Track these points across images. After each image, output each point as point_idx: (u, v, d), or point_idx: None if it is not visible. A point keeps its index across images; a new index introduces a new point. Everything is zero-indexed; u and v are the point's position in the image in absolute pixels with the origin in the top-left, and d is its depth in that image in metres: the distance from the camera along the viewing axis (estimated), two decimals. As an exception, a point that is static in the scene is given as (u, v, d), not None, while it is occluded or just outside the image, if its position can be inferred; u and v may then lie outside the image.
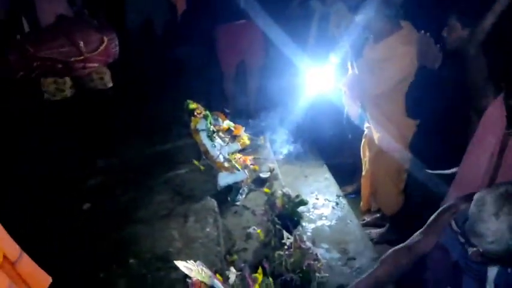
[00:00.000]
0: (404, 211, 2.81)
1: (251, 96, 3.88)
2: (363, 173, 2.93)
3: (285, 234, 2.02)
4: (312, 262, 1.96)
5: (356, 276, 2.46)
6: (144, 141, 3.18)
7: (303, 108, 3.59)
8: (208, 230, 2.21)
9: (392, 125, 2.41)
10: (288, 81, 3.64)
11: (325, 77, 3.25)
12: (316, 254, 2.01)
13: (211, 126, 2.67)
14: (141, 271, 1.97)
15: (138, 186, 2.63)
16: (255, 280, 1.74)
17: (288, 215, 2.26)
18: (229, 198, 2.74)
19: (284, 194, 2.31)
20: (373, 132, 2.57)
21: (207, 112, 2.74)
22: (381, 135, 2.48)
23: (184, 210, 2.39)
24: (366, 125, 2.78)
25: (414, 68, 2.22)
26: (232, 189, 2.75)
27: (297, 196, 2.35)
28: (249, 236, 2.44)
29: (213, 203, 2.45)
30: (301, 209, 2.45)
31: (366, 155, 2.85)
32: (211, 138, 2.63)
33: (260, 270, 1.81)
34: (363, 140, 2.84)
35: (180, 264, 1.57)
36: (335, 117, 3.27)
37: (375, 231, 3.09)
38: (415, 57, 2.16)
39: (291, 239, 1.99)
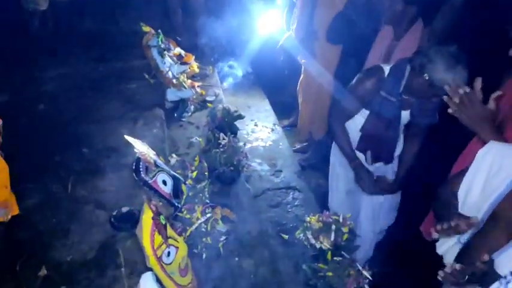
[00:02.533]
0: (327, 137, 3.28)
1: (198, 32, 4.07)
2: (300, 99, 3.31)
3: (221, 135, 2.38)
4: (242, 158, 2.34)
5: (280, 182, 2.95)
6: (100, 57, 3.33)
7: (252, 46, 3.92)
8: (155, 131, 2.52)
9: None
10: (238, 21, 3.93)
11: (274, 19, 3.60)
12: (245, 153, 2.39)
13: (162, 44, 2.89)
14: (93, 157, 2.26)
15: (92, 94, 2.85)
16: (191, 163, 2.10)
17: (226, 126, 2.61)
18: (175, 114, 3.04)
19: (224, 108, 2.64)
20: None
21: (159, 31, 2.94)
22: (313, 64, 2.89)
23: (134, 115, 2.67)
24: (302, 60, 3.15)
25: None
26: (179, 106, 3.05)
27: (236, 111, 2.69)
28: (191, 144, 2.78)
29: (161, 111, 2.75)
30: (240, 132, 2.83)
31: (303, 87, 3.23)
32: (161, 54, 2.86)
33: (197, 157, 2.17)
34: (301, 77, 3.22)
35: (129, 139, 1.88)
36: (276, 56, 3.64)
37: (302, 157, 3.57)
38: None
39: (226, 140, 2.36)
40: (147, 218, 1.44)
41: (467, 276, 1.03)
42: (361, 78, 2.08)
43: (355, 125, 2.20)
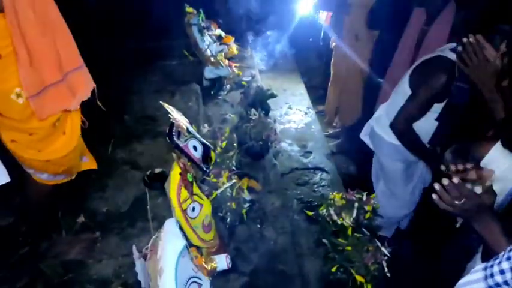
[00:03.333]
0: (359, 123, 3.28)
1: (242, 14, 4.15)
2: (329, 84, 3.33)
3: (252, 111, 2.47)
4: (271, 135, 2.42)
5: (309, 163, 2.99)
6: (145, 36, 3.50)
7: (290, 29, 3.96)
8: (190, 104, 2.65)
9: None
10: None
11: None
12: (275, 130, 2.46)
13: (202, 23, 3.01)
14: (132, 124, 2.42)
15: (135, 68, 3.02)
16: (222, 133, 2.20)
17: (258, 103, 2.69)
18: (212, 92, 3.16)
19: (258, 86, 2.72)
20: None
21: (200, 10, 3.06)
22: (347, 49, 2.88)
23: (172, 89, 2.81)
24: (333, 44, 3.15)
25: None
26: (216, 84, 3.16)
27: (269, 90, 2.77)
28: (224, 120, 2.89)
29: (197, 87, 2.87)
30: (274, 113, 2.90)
31: (332, 67, 3.23)
32: (201, 32, 2.98)
33: (228, 128, 2.26)
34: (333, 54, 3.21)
35: (166, 105, 2.00)
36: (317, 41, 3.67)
37: (334, 143, 3.59)
38: None
39: (256, 115, 2.44)
40: (175, 174, 1.55)
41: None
42: (433, 72, 1.89)
43: (425, 123, 2.06)
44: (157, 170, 2.03)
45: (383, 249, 1.97)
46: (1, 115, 1.26)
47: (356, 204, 2.15)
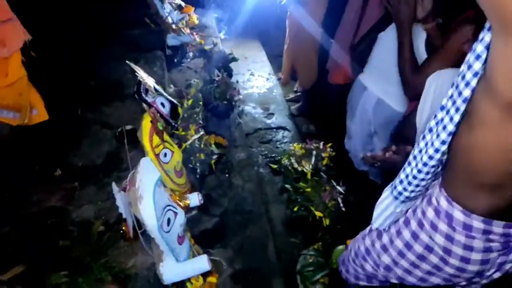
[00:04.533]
0: (317, 85, 3.48)
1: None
2: (285, 47, 3.48)
3: (216, 72, 2.61)
4: (234, 94, 2.57)
5: (272, 123, 3.19)
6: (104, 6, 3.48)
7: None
8: (155, 69, 2.74)
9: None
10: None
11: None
12: (238, 90, 2.62)
13: (162, -10, 3.08)
14: (99, 88, 2.50)
15: (97, 38, 3.05)
16: (188, 93, 2.33)
17: (222, 66, 2.83)
18: (175, 60, 3.24)
19: (220, 51, 2.85)
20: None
21: (160, -22, 3.12)
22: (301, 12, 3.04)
23: (136, 56, 2.88)
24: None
25: None
26: (179, 51, 3.25)
27: (230, 54, 2.91)
28: (189, 85, 3.00)
29: (161, 53, 2.96)
30: (236, 79, 3.04)
31: (288, 31, 3.38)
32: (161, 0, 3.05)
33: (193, 88, 2.40)
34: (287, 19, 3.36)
35: (132, 65, 2.10)
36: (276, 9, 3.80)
37: (294, 106, 3.78)
38: None
39: (220, 76, 2.58)
40: (146, 122, 1.69)
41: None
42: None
43: None
44: (128, 127, 2.14)
45: (338, 187, 2.21)
46: None
47: (314, 152, 2.38)
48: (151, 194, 1.33)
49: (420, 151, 0.98)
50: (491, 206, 0.88)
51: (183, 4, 3.71)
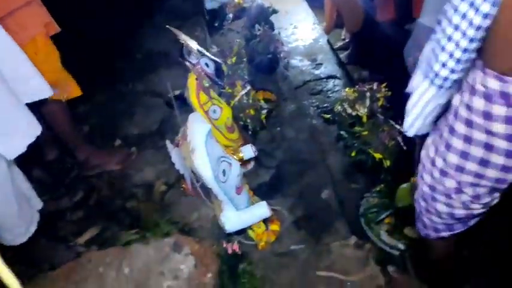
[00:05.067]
0: (365, 28, 3.27)
1: None
2: None
3: (256, 26, 2.54)
4: (278, 46, 2.50)
5: (321, 73, 3.07)
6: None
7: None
8: (196, 33, 2.74)
9: None
10: None
11: None
12: (282, 42, 2.53)
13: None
14: (145, 60, 2.56)
15: (136, 9, 3.10)
16: (231, 51, 2.31)
17: (262, 20, 2.74)
18: (216, 24, 3.22)
19: (258, 5, 2.76)
20: None
21: None
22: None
23: (177, 25, 2.88)
24: None
25: None
26: (219, 14, 3.22)
27: (269, 6, 2.81)
28: (233, 46, 2.98)
29: (201, 19, 2.94)
30: (280, 34, 2.94)
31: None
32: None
33: (236, 46, 2.36)
34: None
35: (172, 29, 2.11)
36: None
37: (344, 54, 3.61)
38: None
39: (261, 30, 2.51)
40: (192, 80, 1.70)
41: None
42: None
43: None
44: (177, 92, 2.17)
45: (397, 126, 2.08)
46: None
47: (368, 94, 2.25)
48: (204, 145, 1.34)
49: (456, 27, 0.84)
50: None
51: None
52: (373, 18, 3.16)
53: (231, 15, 3.28)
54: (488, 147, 0.92)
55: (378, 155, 2.03)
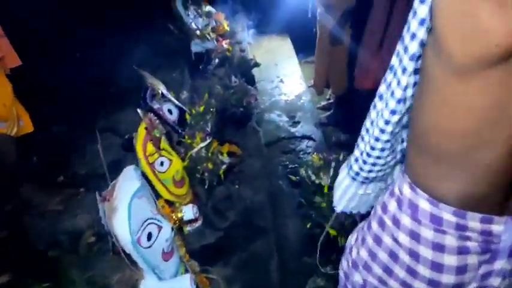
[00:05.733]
0: (350, 94, 3.26)
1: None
2: (316, 51, 3.28)
3: (233, 78, 2.50)
4: (252, 101, 2.45)
5: (296, 132, 3.01)
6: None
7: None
8: (174, 75, 2.70)
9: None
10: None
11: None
12: (255, 96, 2.49)
13: (187, -3, 3.04)
14: (117, 94, 2.49)
15: (120, 39, 3.06)
16: (200, 98, 2.24)
17: (242, 72, 2.72)
18: (200, 67, 3.19)
19: (241, 56, 2.75)
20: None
21: (185, -16, 3.08)
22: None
23: (159, 61, 2.87)
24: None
25: None
26: (204, 58, 3.20)
27: (252, 59, 2.79)
28: (211, 92, 2.93)
29: (182, 60, 2.92)
30: (265, 86, 2.92)
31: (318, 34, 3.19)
32: (185, 6, 3.01)
33: (207, 94, 2.30)
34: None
35: (140, 71, 2.06)
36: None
37: (325, 114, 3.58)
38: None
39: (237, 82, 2.47)
40: (141, 129, 1.61)
41: None
42: None
43: None
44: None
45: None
46: None
47: (333, 164, 2.18)
48: (127, 206, 1.23)
49: (372, 123, 0.82)
50: (464, 194, 0.69)
51: (213, 11, 3.67)
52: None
53: (216, 61, 3.26)
54: (393, 255, 0.82)
55: (333, 232, 1.91)
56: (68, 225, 1.67)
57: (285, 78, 3.68)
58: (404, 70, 0.70)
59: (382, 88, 0.80)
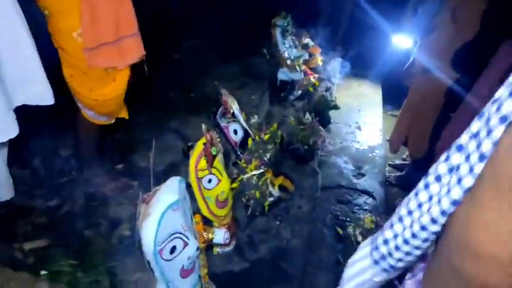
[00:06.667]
0: (428, 158, 3.05)
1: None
2: (402, 109, 3.14)
3: (307, 115, 2.48)
4: (318, 141, 2.40)
5: (357, 184, 2.88)
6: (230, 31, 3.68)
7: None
8: (253, 97, 2.75)
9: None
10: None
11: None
12: (324, 138, 2.44)
13: (287, 26, 3.10)
14: (198, 102, 2.61)
15: (218, 59, 3.23)
16: (268, 127, 2.25)
17: (318, 110, 2.69)
18: (282, 94, 3.23)
19: (322, 95, 2.72)
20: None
21: (288, 15, 3.16)
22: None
23: (243, 81, 2.95)
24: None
25: None
26: (288, 87, 3.23)
27: (333, 101, 2.75)
28: (283, 122, 2.94)
29: (266, 84, 2.97)
30: (340, 129, 2.87)
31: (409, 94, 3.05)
32: (283, 35, 3.08)
33: (275, 125, 2.31)
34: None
35: (220, 88, 2.14)
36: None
37: (395, 174, 3.38)
38: None
39: (309, 120, 2.45)
40: (200, 143, 1.66)
41: None
42: None
43: None
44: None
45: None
46: (63, 50, 1.49)
47: (384, 231, 2.04)
48: (160, 214, 1.26)
49: (420, 206, 0.70)
50: None
51: (310, 43, 3.71)
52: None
53: (299, 92, 3.28)
54: None
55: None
56: (111, 212, 1.77)
57: (364, 126, 3.57)
58: (482, 157, 0.57)
59: (442, 168, 0.67)
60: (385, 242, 0.78)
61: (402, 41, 3.52)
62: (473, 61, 2.45)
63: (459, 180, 0.62)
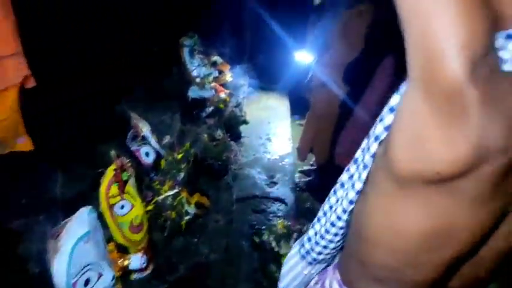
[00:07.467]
0: (331, 163, 3.35)
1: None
2: (307, 117, 3.39)
3: (219, 131, 2.59)
4: (231, 156, 2.52)
5: (271, 193, 3.06)
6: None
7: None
8: (163, 117, 2.77)
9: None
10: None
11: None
12: (236, 153, 2.56)
13: (195, 46, 3.20)
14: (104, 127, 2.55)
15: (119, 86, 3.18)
16: (181, 146, 2.31)
17: (231, 126, 2.82)
18: (194, 112, 3.30)
19: (232, 111, 2.86)
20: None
21: (195, 35, 3.26)
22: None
23: (153, 101, 2.95)
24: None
25: None
26: (199, 105, 3.31)
27: (242, 116, 2.90)
28: (197, 138, 3.01)
29: (176, 104, 3.01)
30: (251, 142, 3.01)
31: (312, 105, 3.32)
32: (191, 54, 3.17)
33: (189, 143, 2.37)
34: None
35: (131, 113, 2.14)
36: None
37: (304, 180, 3.64)
38: None
39: (221, 136, 2.56)
40: (110, 169, 1.66)
41: None
42: None
43: None
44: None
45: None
46: None
47: (295, 235, 2.21)
48: (70, 249, 1.26)
49: (330, 208, 0.86)
50: None
51: (219, 61, 3.84)
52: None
53: (211, 109, 3.38)
54: None
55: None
56: (21, 248, 1.67)
57: (273, 137, 3.79)
58: (365, 166, 0.73)
59: (344, 177, 0.83)
60: (309, 239, 0.95)
61: (304, 57, 3.84)
62: (361, 75, 2.78)
63: (353, 185, 0.80)
